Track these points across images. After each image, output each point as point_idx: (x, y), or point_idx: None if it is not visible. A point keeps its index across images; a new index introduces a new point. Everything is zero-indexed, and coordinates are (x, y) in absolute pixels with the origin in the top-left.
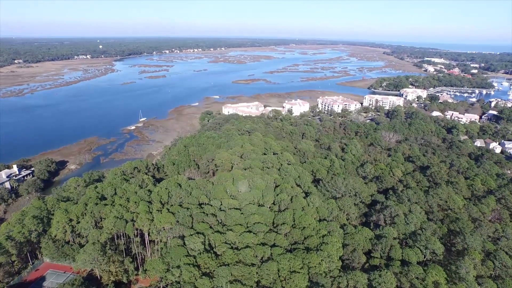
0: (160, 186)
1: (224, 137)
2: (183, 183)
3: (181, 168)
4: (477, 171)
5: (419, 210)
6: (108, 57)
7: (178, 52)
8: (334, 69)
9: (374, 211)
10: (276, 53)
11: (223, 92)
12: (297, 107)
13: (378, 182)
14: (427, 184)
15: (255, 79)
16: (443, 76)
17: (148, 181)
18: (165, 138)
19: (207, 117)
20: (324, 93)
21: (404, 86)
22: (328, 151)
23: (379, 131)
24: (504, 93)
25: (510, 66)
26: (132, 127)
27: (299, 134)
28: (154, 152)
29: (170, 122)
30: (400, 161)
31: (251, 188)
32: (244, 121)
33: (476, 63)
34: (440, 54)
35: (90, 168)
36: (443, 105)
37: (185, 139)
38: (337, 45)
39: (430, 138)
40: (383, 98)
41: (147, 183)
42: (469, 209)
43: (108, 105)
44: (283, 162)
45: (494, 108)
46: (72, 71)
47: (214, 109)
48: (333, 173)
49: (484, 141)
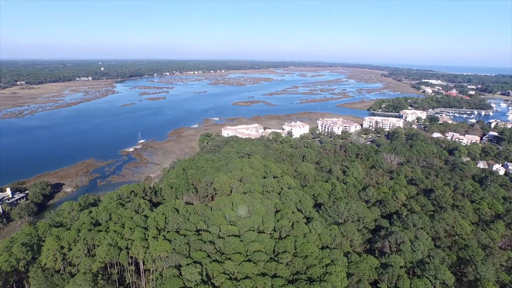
0: (157, 212)
1: (223, 160)
2: (181, 208)
3: (179, 192)
4: (483, 194)
5: (426, 236)
6: (109, 79)
7: (178, 74)
8: (333, 91)
9: (379, 237)
10: (275, 75)
11: (222, 114)
12: (297, 129)
13: (382, 206)
14: (432, 208)
15: (255, 101)
16: (441, 98)
17: (145, 205)
18: (163, 160)
19: (206, 139)
20: (323, 115)
21: (403, 107)
22: (329, 174)
23: (380, 153)
24: (503, 114)
25: (506, 88)
26: (130, 149)
27: (299, 157)
28: (152, 174)
29: (169, 144)
30: (403, 184)
31: (250, 214)
32: (244, 143)
33: (473, 85)
34: (437, 76)
35: (86, 191)
36: (443, 126)
37: (184, 162)
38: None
39: (432, 160)
40: (383, 120)
41: (143, 208)
42: (478, 235)
43: (107, 127)
44: (284, 186)
45: (494, 129)
46: (73, 92)
47: (214, 131)
48: (334, 197)
49: (487, 163)
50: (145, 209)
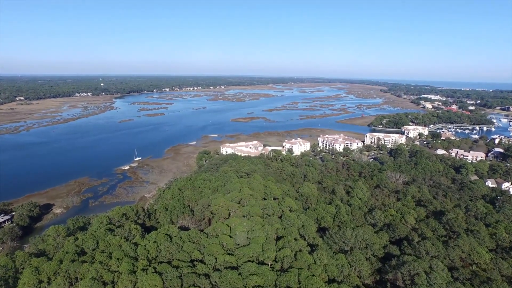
0: (148, 239)
1: (221, 180)
2: (174, 235)
3: (174, 214)
4: (497, 217)
5: (442, 267)
6: (108, 94)
7: (178, 90)
8: (333, 106)
9: (390, 268)
10: (274, 91)
11: (221, 131)
12: (298, 147)
13: (390, 231)
14: (444, 232)
15: (254, 117)
16: (442, 113)
17: (136, 232)
18: (160, 179)
19: (204, 157)
20: (324, 131)
21: (404, 123)
22: (332, 195)
23: (384, 171)
24: (505, 129)
25: (505, 103)
26: (126, 167)
27: (300, 176)
28: (148, 194)
29: (166, 162)
30: (411, 206)
31: (249, 241)
32: (243, 161)
33: (472, 100)
34: (435, 91)
35: (77, 212)
36: (446, 143)
37: (180, 181)
38: (335, 83)
39: (439, 179)
40: (385, 136)
41: (134, 235)
42: (498, 264)
43: (104, 143)
44: (285, 208)
45: (499, 145)
46: (71, 108)
47: (212, 148)
48: (339, 221)
49: (496, 181)
50: (136, 235)
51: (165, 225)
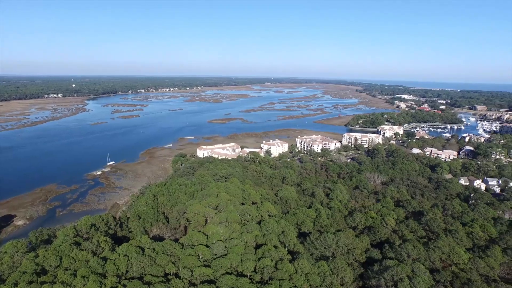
0: (119, 252)
1: (198, 185)
2: (147, 247)
3: (148, 223)
4: (473, 215)
5: (424, 270)
6: (80, 96)
7: (153, 91)
8: (310, 107)
9: (372, 273)
10: (252, 92)
11: (198, 132)
12: (276, 148)
13: (371, 234)
14: (424, 233)
15: (232, 118)
16: (415, 112)
17: (105, 244)
18: (134, 184)
19: (180, 160)
20: (301, 131)
21: (380, 123)
22: (312, 198)
23: (362, 172)
24: (473, 128)
25: (472, 102)
26: (98, 172)
27: (279, 179)
28: (120, 201)
29: (141, 166)
30: (391, 207)
31: (227, 251)
32: (220, 164)
33: (442, 100)
34: (408, 91)
35: (42, 224)
36: (421, 142)
37: (155, 187)
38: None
39: (416, 178)
40: (362, 136)
41: (103, 248)
42: (476, 263)
43: (74, 148)
44: (264, 213)
45: (469, 143)
46: (40, 110)
47: (189, 150)
48: (320, 225)
49: (468, 179)
50: (106, 248)
51: (138, 235)
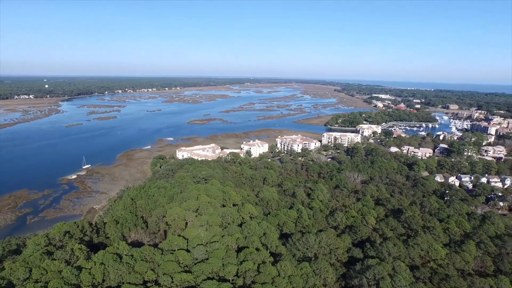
0: (95, 261)
1: (177, 187)
2: (125, 254)
3: (126, 228)
4: (449, 211)
5: (404, 268)
6: (54, 97)
7: (131, 92)
8: (290, 106)
9: (354, 272)
10: (231, 92)
11: (177, 134)
12: (256, 148)
13: (352, 233)
14: (403, 231)
15: (211, 119)
16: (392, 112)
17: (80, 253)
18: (111, 188)
19: (159, 162)
20: (281, 131)
21: (358, 122)
22: (293, 199)
23: (342, 171)
24: (446, 126)
25: (445, 101)
26: (73, 176)
27: (260, 179)
28: (97, 206)
29: (118, 169)
30: (371, 205)
31: (208, 255)
32: (200, 166)
33: (417, 99)
34: (385, 91)
35: (11, 232)
36: (398, 140)
37: (133, 190)
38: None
39: (395, 176)
40: (341, 136)
41: (78, 256)
42: (453, 258)
43: (47, 151)
44: (245, 215)
45: (443, 141)
46: (9, 112)
47: (168, 152)
48: (302, 226)
49: (443, 176)
50: (80, 257)
51: (115, 241)
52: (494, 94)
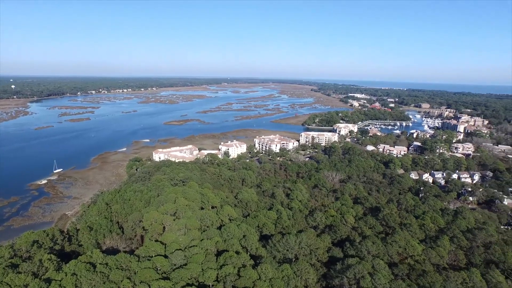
0: (66, 271)
1: (154, 190)
2: (99, 262)
3: (100, 234)
4: (424, 208)
5: (383, 266)
6: (22, 98)
7: (105, 92)
8: (267, 106)
9: (335, 272)
10: (208, 92)
11: (154, 135)
12: (234, 149)
13: (332, 233)
14: (381, 229)
15: (188, 120)
16: (368, 111)
17: (49, 263)
18: (85, 192)
19: (135, 164)
20: (259, 131)
21: (335, 121)
22: (272, 199)
23: (321, 170)
24: (419, 124)
25: (418, 100)
26: (43, 181)
27: (238, 181)
28: (69, 212)
29: (92, 173)
30: (349, 204)
31: (187, 261)
32: (177, 168)
33: (391, 98)
34: (360, 90)
35: None
36: (374, 139)
37: (108, 195)
38: (268, 83)
39: (372, 175)
40: (319, 135)
41: (47, 267)
42: (429, 254)
43: (14, 155)
44: (224, 218)
45: (417, 139)
46: None
47: (144, 154)
48: (281, 227)
49: (417, 173)
50: (50, 268)
51: (89, 248)
52: (461, 93)
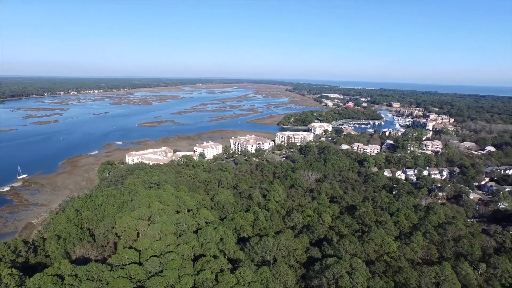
0: (29, 286)
1: (128, 194)
2: (67, 274)
3: (70, 243)
4: (398, 205)
5: (361, 264)
6: None
7: (75, 93)
8: (242, 107)
9: (314, 273)
10: (183, 93)
11: (127, 137)
12: (209, 150)
13: (309, 233)
14: (358, 227)
15: (162, 121)
16: (342, 110)
17: (10, 279)
18: (53, 199)
19: (107, 168)
20: (235, 132)
21: (310, 121)
22: (249, 201)
23: (297, 170)
24: (391, 123)
25: (389, 100)
26: (5, 188)
27: (214, 182)
28: (35, 220)
29: (61, 178)
30: (326, 204)
31: (163, 267)
32: (152, 171)
33: (364, 97)
34: (334, 90)
35: None
36: (348, 138)
37: (78, 200)
38: (242, 83)
39: (347, 173)
40: (294, 135)
41: (7, 284)
42: (403, 250)
43: None
44: (201, 221)
45: (389, 137)
46: None
47: (117, 157)
48: (259, 228)
49: (391, 170)
50: (10, 284)
51: (57, 259)
52: (429, 93)
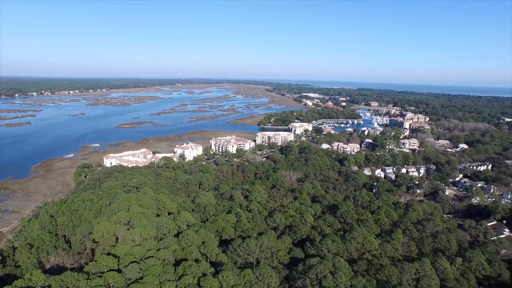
0: None
1: (106, 198)
2: (39, 285)
3: (43, 251)
4: (378, 203)
5: (344, 263)
6: None
7: (49, 94)
8: (223, 107)
9: (297, 273)
10: (162, 93)
11: (104, 139)
12: (190, 151)
13: (292, 233)
14: (340, 226)
15: (141, 122)
16: (321, 110)
17: None
18: (24, 205)
19: (84, 171)
20: (215, 132)
21: (290, 120)
22: (231, 202)
23: (278, 170)
24: (369, 122)
25: (367, 99)
26: None
27: (195, 184)
28: (5, 228)
29: (34, 182)
30: (308, 203)
31: (143, 273)
32: (130, 173)
33: (343, 97)
34: (313, 90)
35: None
36: (328, 137)
37: (52, 206)
38: (222, 83)
39: (328, 173)
40: (275, 135)
41: None
42: (384, 248)
43: None
44: (182, 224)
45: (368, 136)
46: None
47: (94, 160)
48: (241, 230)
49: (370, 169)
50: None
51: (28, 269)
52: (405, 92)
